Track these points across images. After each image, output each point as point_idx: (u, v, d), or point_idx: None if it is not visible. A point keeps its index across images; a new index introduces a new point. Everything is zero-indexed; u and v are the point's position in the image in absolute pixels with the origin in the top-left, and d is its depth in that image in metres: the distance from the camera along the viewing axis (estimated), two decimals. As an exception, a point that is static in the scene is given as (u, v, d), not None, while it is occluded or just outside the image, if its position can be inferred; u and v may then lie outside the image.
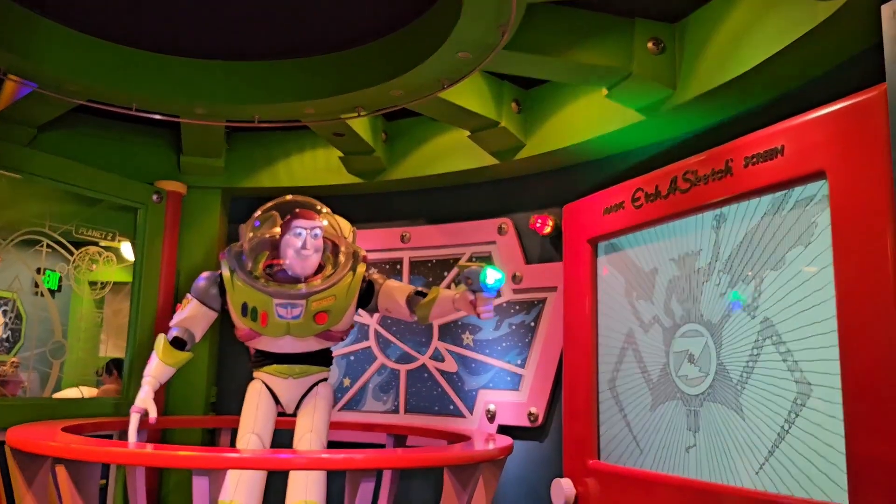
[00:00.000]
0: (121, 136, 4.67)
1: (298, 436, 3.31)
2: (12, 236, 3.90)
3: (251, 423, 3.27)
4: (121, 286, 5.14)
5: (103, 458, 2.50)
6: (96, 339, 6.10)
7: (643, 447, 3.19)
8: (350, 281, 3.19)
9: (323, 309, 3.14)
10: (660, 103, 3.25)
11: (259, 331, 3.19)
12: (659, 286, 3.16)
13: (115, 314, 5.53)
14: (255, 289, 3.13)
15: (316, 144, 4.69)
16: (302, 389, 3.34)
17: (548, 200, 4.13)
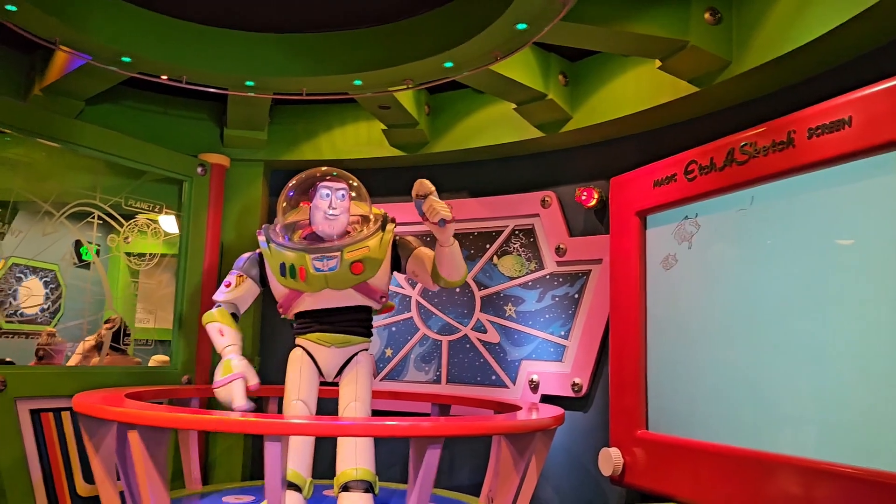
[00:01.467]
0: (164, 110, 4.72)
1: (343, 405, 3.39)
2: (65, 209, 3.95)
3: (296, 391, 3.36)
4: (154, 258, 5.22)
5: (185, 424, 2.56)
6: (133, 310, 6.22)
7: (693, 417, 3.23)
8: (381, 237, 3.31)
9: (357, 259, 3.23)
10: (714, 75, 3.24)
11: (298, 287, 3.28)
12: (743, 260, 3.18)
13: (144, 286, 5.62)
14: (292, 249, 3.27)
15: (358, 117, 4.71)
16: (343, 358, 3.42)
17: (592, 173, 4.14)
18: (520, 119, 4.13)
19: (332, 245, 3.25)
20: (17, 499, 3.52)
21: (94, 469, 2.95)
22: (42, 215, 3.87)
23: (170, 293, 4.70)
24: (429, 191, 3.10)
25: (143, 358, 5.26)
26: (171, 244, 4.67)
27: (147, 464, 2.57)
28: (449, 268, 3.32)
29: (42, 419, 3.73)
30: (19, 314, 6.18)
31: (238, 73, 3.80)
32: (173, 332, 4.49)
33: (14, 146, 3.72)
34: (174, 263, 4.60)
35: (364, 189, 3.43)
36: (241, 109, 4.33)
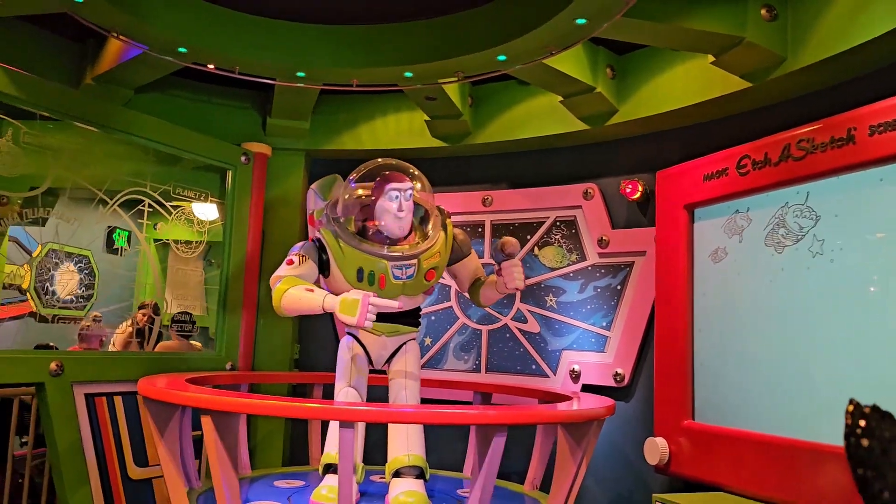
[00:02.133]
0: (207, 98, 4.77)
1: (394, 392, 3.44)
2: (117, 196, 4.01)
3: (347, 377, 3.40)
4: (184, 245, 5.27)
5: (259, 410, 2.62)
6: (161, 297, 6.28)
7: (742, 408, 3.28)
8: (444, 239, 3.35)
9: (432, 266, 3.27)
10: (768, 71, 3.27)
11: (376, 293, 3.26)
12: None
13: (176, 273, 5.69)
14: (368, 254, 3.21)
15: (400, 108, 4.75)
16: (393, 347, 3.47)
17: (635, 166, 4.18)
18: (563, 111, 4.17)
19: (412, 253, 3.22)
20: (73, 481, 3.61)
21: (161, 453, 3.02)
22: (96, 203, 3.94)
23: (199, 280, 4.75)
24: (515, 252, 3.30)
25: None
26: (201, 231, 4.68)
27: (219, 448, 2.64)
28: (489, 301, 3.56)
29: (96, 403, 3.81)
30: (57, 300, 6.25)
31: (289, 64, 3.84)
32: (217, 318, 4.56)
33: (61, 133, 3.77)
34: (201, 250, 4.63)
35: (425, 180, 3.42)
36: (289, 99, 4.38)
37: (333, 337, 4.96)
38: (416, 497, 3.23)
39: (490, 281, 3.44)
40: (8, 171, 3.47)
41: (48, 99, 3.61)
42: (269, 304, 4.65)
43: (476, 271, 3.52)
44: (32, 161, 3.58)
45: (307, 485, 3.67)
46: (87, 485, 3.66)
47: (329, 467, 3.32)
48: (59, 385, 3.58)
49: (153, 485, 4.05)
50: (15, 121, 3.50)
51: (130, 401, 3.97)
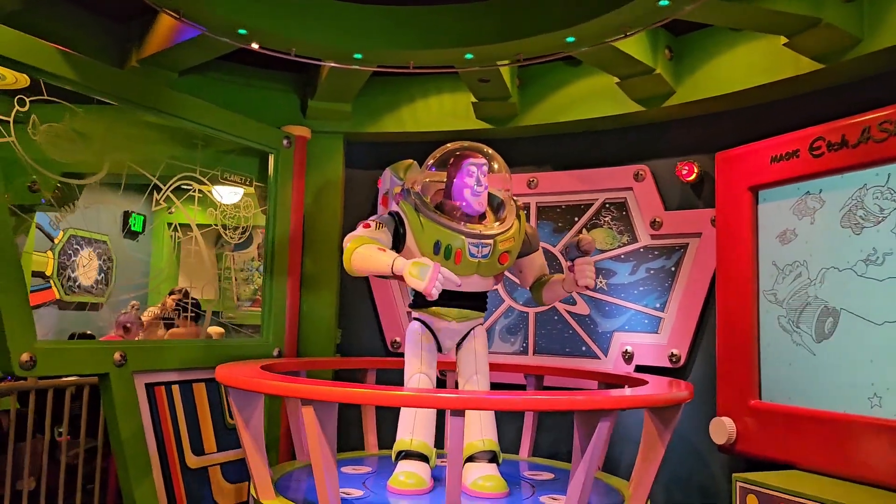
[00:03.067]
0: (245, 81, 4.68)
1: (465, 378, 3.44)
2: (171, 181, 3.93)
3: (418, 364, 3.38)
4: (200, 229, 5.18)
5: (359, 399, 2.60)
6: (174, 282, 6.20)
7: (813, 387, 3.33)
8: (517, 227, 3.32)
9: (507, 249, 3.26)
10: (842, 52, 3.27)
11: (452, 269, 3.22)
12: (839, 233, 3.25)
13: (189, 256, 5.60)
14: (448, 228, 3.20)
15: (441, 89, 4.70)
16: (462, 332, 3.46)
17: (687, 148, 4.19)
18: (613, 92, 4.16)
19: (490, 232, 3.22)
20: (137, 472, 3.56)
21: (245, 442, 2.98)
22: (150, 189, 3.86)
23: (212, 264, 4.66)
24: (591, 250, 3.27)
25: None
26: (214, 215, 4.55)
27: (320, 438, 2.61)
28: (552, 300, 3.57)
29: (156, 393, 3.75)
30: (78, 286, 6.14)
31: (346, 46, 3.77)
32: (263, 304, 4.50)
33: (116, 117, 3.67)
34: (214, 235, 4.54)
35: (502, 165, 3.40)
36: (337, 81, 4.30)
37: (375, 321, 4.94)
38: (495, 481, 3.25)
39: (556, 279, 3.42)
40: (67, 157, 3.37)
41: (102, 81, 3.50)
42: (312, 289, 4.65)
43: (542, 268, 3.51)
44: (88, 147, 3.48)
45: (374, 470, 3.67)
46: (150, 475, 3.62)
47: (403, 454, 3.32)
48: (123, 375, 3.52)
49: (209, 473, 4.01)
50: (72, 105, 3.39)
51: (187, 389, 3.92)
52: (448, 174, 3.33)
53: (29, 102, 3.16)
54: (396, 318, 4.85)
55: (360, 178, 5.00)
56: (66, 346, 3.36)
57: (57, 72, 3.24)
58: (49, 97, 3.23)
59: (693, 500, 4.04)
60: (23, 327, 3.08)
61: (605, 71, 3.98)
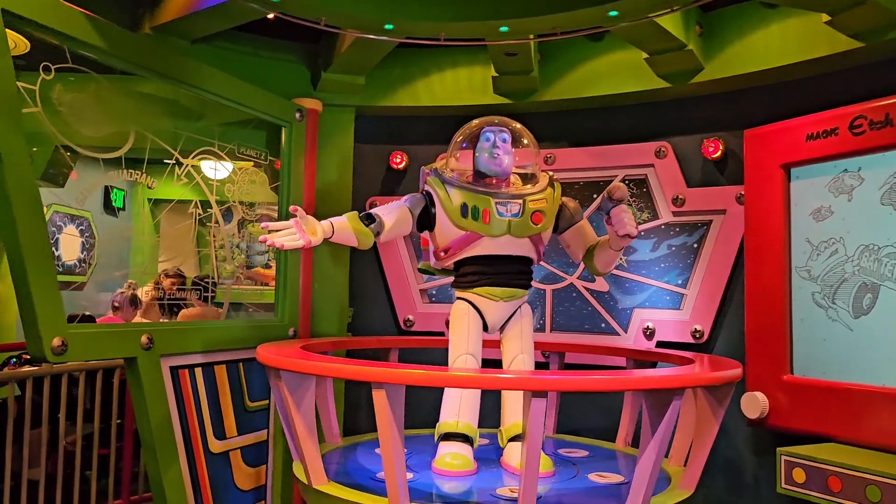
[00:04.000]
0: (254, 51, 4.49)
1: (510, 357, 3.40)
2: (193, 154, 3.74)
3: (465, 344, 3.32)
4: (182, 205, 4.99)
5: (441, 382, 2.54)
6: (155, 260, 5.98)
7: (848, 362, 3.40)
8: (552, 194, 3.33)
9: (538, 209, 3.24)
10: (883, 31, 3.30)
11: (481, 230, 3.22)
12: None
13: (172, 234, 5.41)
14: (473, 191, 3.24)
15: (457, 63, 4.60)
16: (509, 311, 3.41)
17: (709, 125, 4.19)
18: (635, 68, 4.14)
19: (518, 192, 3.24)
20: (165, 458, 3.43)
21: (297, 426, 2.88)
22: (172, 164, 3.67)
23: (191, 240, 4.46)
24: (624, 197, 3.15)
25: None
26: (197, 189, 4.34)
27: (391, 421, 2.54)
28: (606, 264, 3.43)
29: (180, 376, 3.61)
30: (62, 265, 5.86)
31: (378, 16, 3.63)
32: (277, 283, 4.36)
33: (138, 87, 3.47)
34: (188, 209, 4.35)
35: (531, 139, 3.38)
36: (358, 53, 4.14)
37: (387, 300, 4.85)
38: (543, 460, 3.23)
39: (603, 242, 3.38)
40: (92, 129, 3.17)
41: (124, 47, 3.29)
42: (324, 267, 4.53)
43: (589, 237, 3.46)
44: (112, 118, 3.28)
45: (410, 452, 3.60)
46: (177, 461, 3.49)
47: (447, 436, 3.27)
48: (151, 359, 3.36)
49: (230, 457, 3.90)
50: (98, 74, 3.18)
51: (209, 372, 3.79)
52: (472, 144, 3.36)
53: (54, 70, 2.95)
54: (409, 296, 4.78)
55: (370, 152, 4.87)
56: (97, 330, 3.18)
57: (84, 38, 3.03)
58: (74, 65, 3.02)
59: (724, 474, 4.09)
60: (54, 311, 2.91)
61: (637, 46, 3.94)
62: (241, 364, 4.02)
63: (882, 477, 2.85)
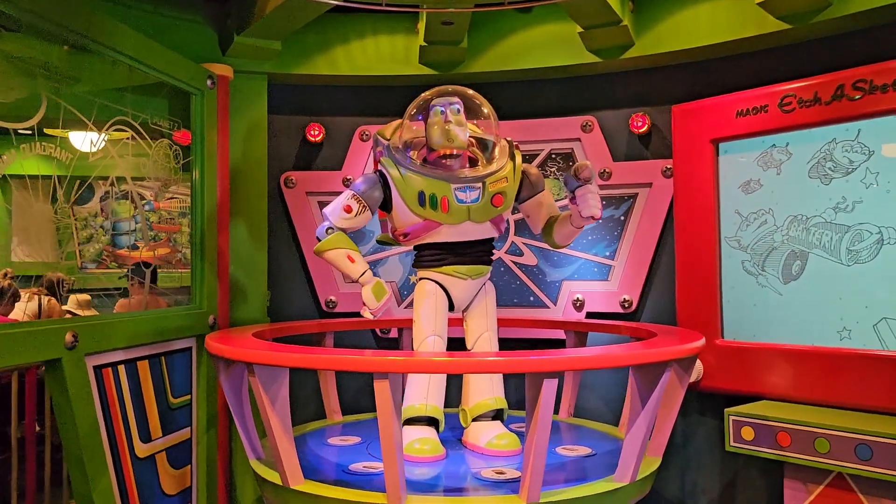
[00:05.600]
0: (155, 9, 4.02)
1: (474, 336, 3.34)
2: (107, 125, 3.28)
3: (432, 325, 3.23)
4: (36, 181, 4.48)
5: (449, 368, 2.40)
6: (7, 245, 5.33)
7: (772, 324, 3.65)
8: (512, 167, 3.25)
9: (499, 191, 3.18)
10: (811, 14, 3.50)
11: (440, 219, 3.13)
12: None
13: (24, 215, 4.86)
14: (430, 177, 3.11)
15: (378, 31, 4.39)
16: (476, 289, 3.36)
17: (634, 100, 4.30)
18: (565, 42, 4.16)
19: (476, 175, 3.13)
20: (95, 469, 3.05)
21: (273, 424, 2.63)
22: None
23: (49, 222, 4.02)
24: (591, 177, 3.09)
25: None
26: (63, 165, 3.88)
27: (393, 412, 2.40)
28: (566, 239, 3.39)
29: (104, 376, 3.21)
30: None
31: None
32: (193, 267, 3.98)
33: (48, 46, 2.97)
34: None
35: (488, 107, 3.29)
36: (283, 15, 3.81)
37: (306, 281, 4.60)
38: (510, 438, 3.22)
39: (564, 216, 3.36)
40: (2, 95, 2.67)
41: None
42: (240, 249, 4.21)
43: (550, 208, 3.42)
44: (24, 82, 2.79)
45: (366, 440, 3.46)
46: (106, 471, 3.11)
47: (412, 420, 3.16)
48: (75, 359, 2.95)
49: (156, 461, 3.55)
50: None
51: (132, 369, 3.40)
52: (424, 117, 3.21)
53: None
54: (330, 277, 4.55)
55: (284, 124, 4.56)
56: (16, 331, 2.71)
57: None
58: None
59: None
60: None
61: (575, 20, 3.93)
62: (164, 358, 3.65)
63: (829, 430, 3.09)
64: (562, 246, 3.46)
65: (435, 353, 2.68)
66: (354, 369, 2.47)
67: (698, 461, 4.11)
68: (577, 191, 3.12)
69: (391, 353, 2.62)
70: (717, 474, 4.02)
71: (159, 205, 4.32)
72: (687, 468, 4.15)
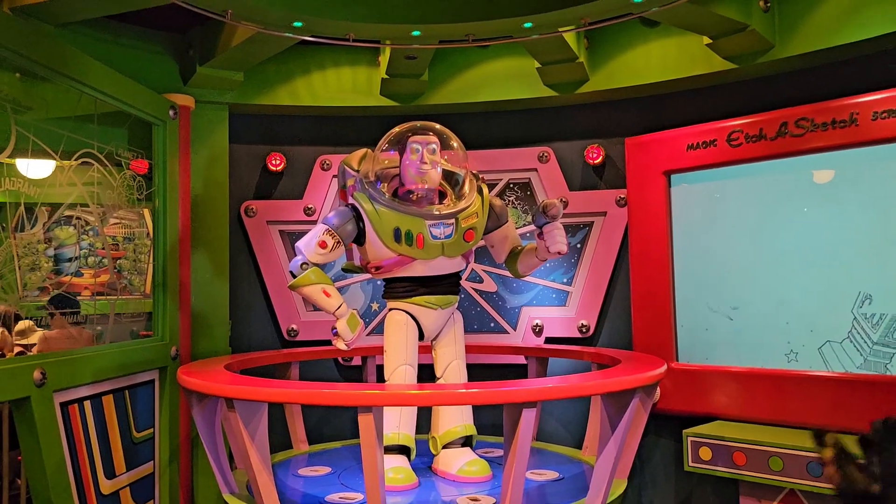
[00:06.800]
0: (115, 38, 4.00)
1: (444, 364, 3.43)
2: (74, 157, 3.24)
3: (403, 355, 3.30)
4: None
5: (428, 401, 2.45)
6: None
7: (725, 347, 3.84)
8: (481, 202, 3.37)
9: (470, 226, 3.30)
10: (756, 56, 3.73)
11: (414, 254, 3.22)
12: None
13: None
14: (405, 213, 3.20)
15: (339, 62, 4.46)
16: (445, 318, 3.45)
17: (589, 132, 4.47)
18: (523, 76, 4.31)
19: (450, 211, 3.22)
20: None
21: (253, 459, 2.64)
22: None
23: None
24: (559, 215, 3.28)
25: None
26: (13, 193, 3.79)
27: (377, 443, 2.45)
28: (529, 269, 3.59)
29: (70, 412, 3.15)
30: None
31: (287, 12, 3.42)
32: (154, 298, 3.94)
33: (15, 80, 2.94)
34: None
35: (457, 141, 3.39)
36: (249, 48, 3.83)
37: (267, 310, 4.59)
38: (480, 465, 3.31)
39: (529, 249, 3.50)
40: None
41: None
42: (203, 280, 4.20)
43: (514, 239, 3.57)
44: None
45: (336, 470, 3.48)
46: (72, 508, 3.06)
47: (386, 449, 3.20)
48: (44, 396, 2.90)
49: (120, 497, 3.49)
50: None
51: (97, 404, 3.35)
52: (399, 153, 3.28)
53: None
54: (292, 306, 4.56)
55: (245, 153, 4.58)
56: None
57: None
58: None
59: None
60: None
61: (535, 57, 4.07)
62: (127, 392, 3.60)
63: (782, 448, 3.26)
64: (524, 275, 3.61)
65: (420, 386, 2.75)
66: (342, 404, 2.51)
67: (654, 481, 4.26)
68: (546, 227, 3.28)
69: (377, 387, 2.70)
70: (674, 494, 4.18)
71: (103, 230, 4.26)
72: (644, 488, 4.30)
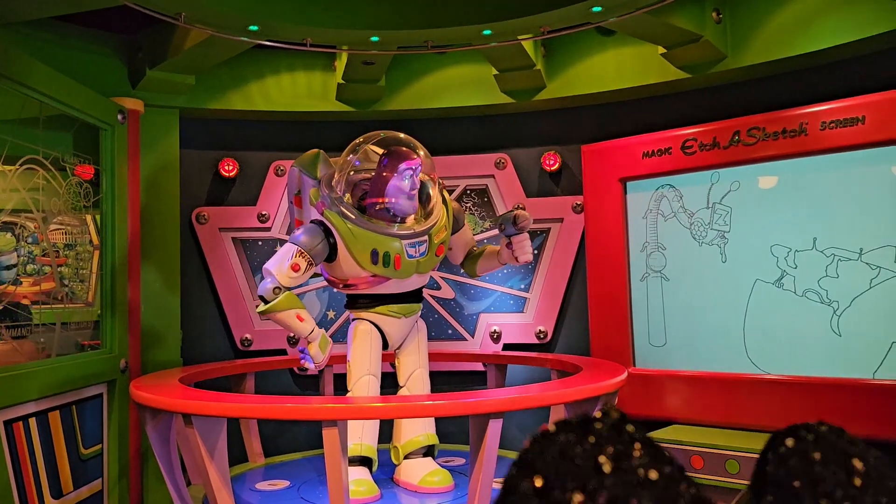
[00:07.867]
0: (61, 39, 3.85)
1: (408, 372, 3.41)
2: (18, 163, 3.10)
3: (367, 365, 3.27)
4: None
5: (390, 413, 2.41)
6: None
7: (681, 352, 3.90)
8: (445, 212, 3.38)
9: (441, 241, 3.29)
10: (709, 66, 3.80)
11: (391, 275, 3.18)
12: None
13: None
14: (382, 234, 3.13)
15: (294, 67, 4.39)
16: (409, 326, 3.42)
17: (545, 139, 4.49)
18: (479, 83, 4.31)
19: (423, 229, 3.19)
20: (5, 533, 2.85)
21: (212, 475, 2.56)
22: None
23: None
24: (529, 226, 3.33)
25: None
26: None
27: (342, 457, 2.40)
28: (486, 271, 3.65)
29: (14, 430, 3.01)
30: None
31: (242, 15, 3.34)
32: (103, 310, 3.80)
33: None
34: None
35: (424, 150, 3.36)
36: (202, 51, 3.74)
37: (219, 319, 4.48)
38: (442, 475, 3.29)
39: (490, 251, 3.50)
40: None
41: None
42: (153, 290, 4.07)
43: (470, 242, 3.59)
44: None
45: (295, 483, 3.41)
46: (17, 535, 2.92)
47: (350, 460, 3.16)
48: (-13, 414, 2.77)
49: (68, 518, 3.35)
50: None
51: (43, 421, 3.21)
52: (378, 172, 3.22)
53: None
54: (245, 315, 4.46)
55: (196, 158, 4.46)
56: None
57: None
58: None
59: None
60: None
61: (493, 63, 4.08)
62: (74, 407, 3.46)
63: (738, 452, 3.32)
64: (477, 276, 3.66)
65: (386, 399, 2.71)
66: (307, 418, 2.46)
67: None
68: (515, 238, 3.30)
69: (342, 400, 2.64)
70: (631, 496, 4.21)
71: (43, 237, 4.11)
72: (602, 491, 4.32)
